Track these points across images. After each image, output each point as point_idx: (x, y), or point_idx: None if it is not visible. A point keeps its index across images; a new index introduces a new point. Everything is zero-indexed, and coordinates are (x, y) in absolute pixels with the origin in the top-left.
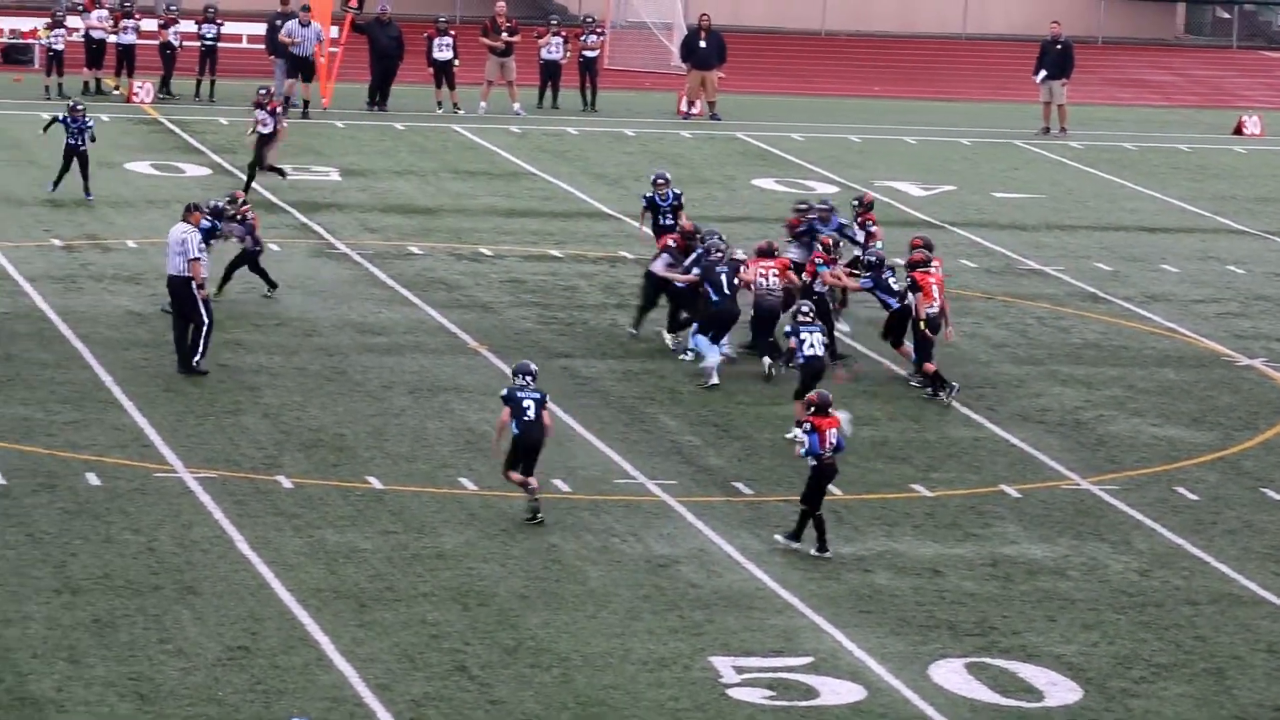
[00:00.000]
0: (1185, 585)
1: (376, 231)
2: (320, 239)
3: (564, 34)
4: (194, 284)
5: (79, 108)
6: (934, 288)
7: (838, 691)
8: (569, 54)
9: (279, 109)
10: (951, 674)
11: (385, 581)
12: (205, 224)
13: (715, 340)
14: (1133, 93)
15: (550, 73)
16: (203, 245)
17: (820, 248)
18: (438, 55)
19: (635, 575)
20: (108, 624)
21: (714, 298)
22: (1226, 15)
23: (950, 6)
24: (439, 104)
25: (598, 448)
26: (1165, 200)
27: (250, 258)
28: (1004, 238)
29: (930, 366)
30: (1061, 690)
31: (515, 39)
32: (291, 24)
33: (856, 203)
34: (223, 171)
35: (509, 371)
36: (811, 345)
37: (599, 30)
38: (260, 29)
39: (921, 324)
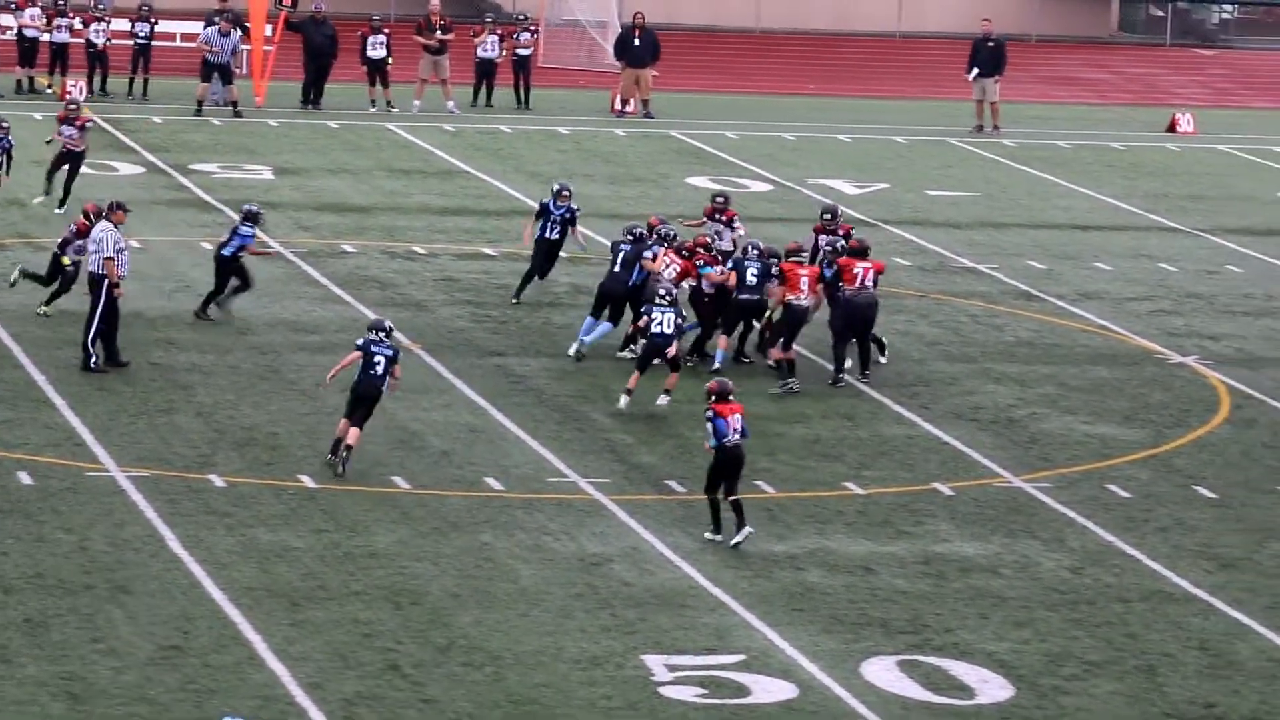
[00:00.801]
0: (1117, 583)
1: (310, 230)
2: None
3: (500, 32)
4: (107, 282)
5: (3, 124)
6: (803, 279)
7: (769, 689)
8: (504, 52)
9: (88, 124)
10: (883, 671)
11: (317, 580)
12: (245, 230)
13: (595, 315)
14: (1066, 90)
15: (485, 71)
16: (121, 244)
17: (702, 250)
18: (372, 53)
19: (568, 574)
20: (39, 623)
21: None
22: (1160, 13)
23: (885, 5)
24: (373, 102)
25: (530, 446)
26: (1098, 198)
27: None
28: (938, 235)
29: (776, 353)
30: (993, 687)
31: (449, 37)
32: (210, 32)
33: (722, 200)
34: (156, 170)
35: (442, 370)
36: (660, 325)
37: (533, 28)
38: (193, 27)
39: (771, 314)
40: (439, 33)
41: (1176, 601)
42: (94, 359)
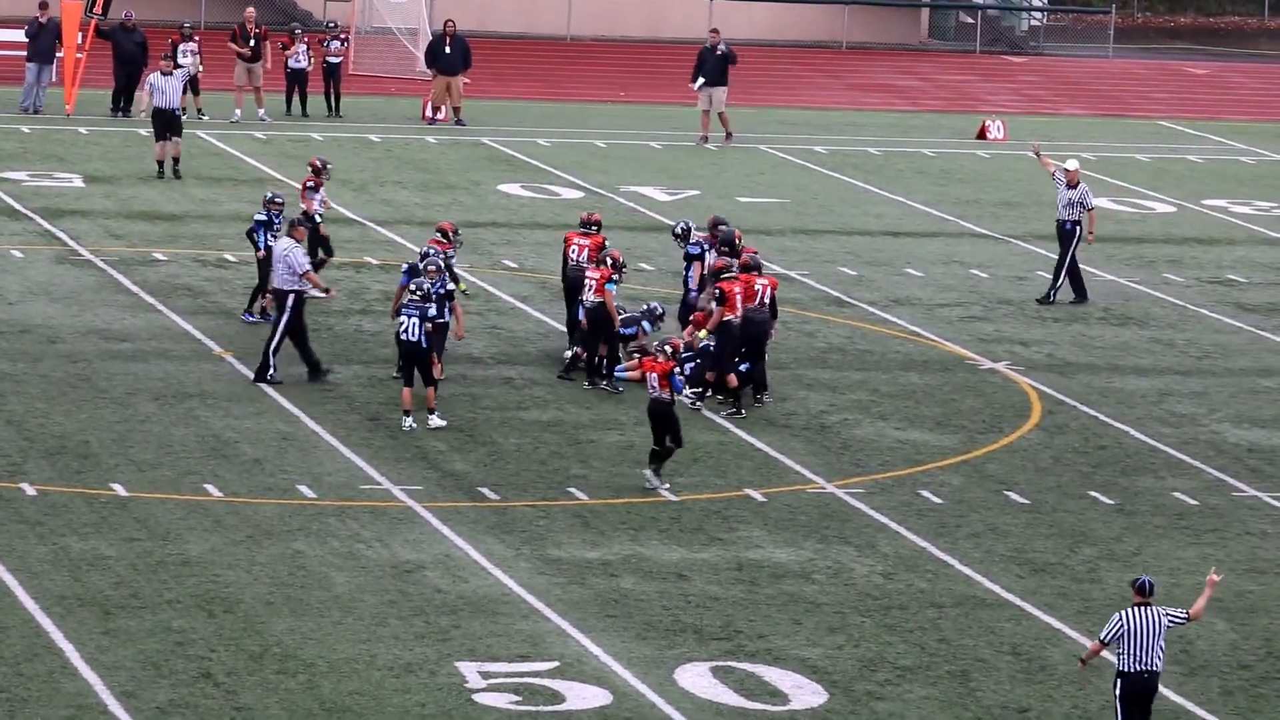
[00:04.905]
0: (929, 588)
1: (121, 238)
2: (64, 245)
3: (307, 41)
4: (294, 297)
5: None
6: (739, 296)
7: (584, 696)
8: (313, 61)
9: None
10: (697, 678)
11: (130, 589)
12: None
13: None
14: (877, 97)
15: (298, 80)
16: (308, 259)
17: (610, 263)
18: (182, 61)
19: (381, 581)
20: None
21: None
22: (970, 20)
23: (695, 11)
24: (183, 110)
25: (343, 453)
26: (909, 204)
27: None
28: (748, 242)
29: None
30: (806, 693)
31: (265, 44)
32: (153, 75)
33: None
34: None
35: (251, 376)
36: (407, 330)
37: (343, 36)
38: (6, 35)
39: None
40: (251, 41)
41: (989, 607)
42: (272, 370)
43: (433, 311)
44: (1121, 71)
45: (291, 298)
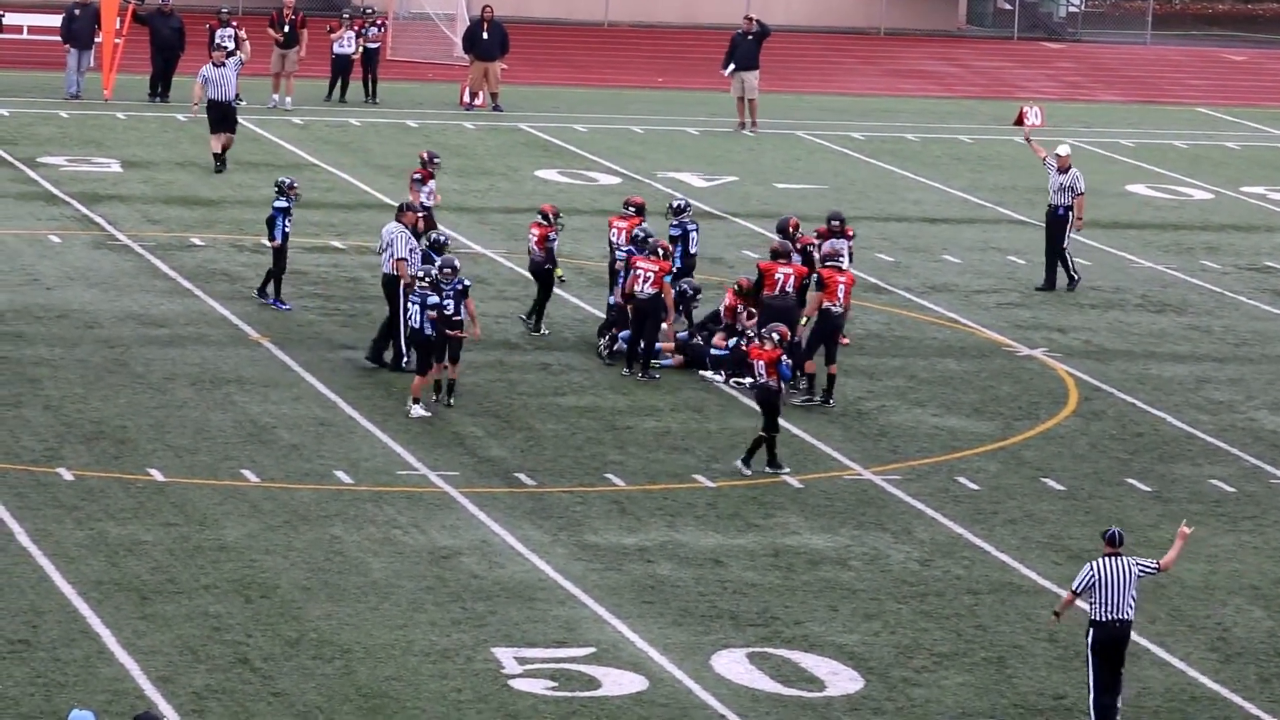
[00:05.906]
0: (966, 575)
1: (158, 223)
2: (102, 230)
3: (356, 27)
4: (403, 282)
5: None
6: (840, 286)
7: (620, 682)
8: (361, 47)
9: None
10: (733, 664)
11: (167, 574)
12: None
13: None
14: (914, 84)
15: (342, 66)
16: (413, 245)
17: (661, 253)
18: (228, 45)
19: (417, 566)
20: None
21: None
22: (1008, 6)
23: None
24: (238, 98)
25: (380, 439)
26: (947, 191)
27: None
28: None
29: (811, 366)
30: (843, 680)
31: (301, 31)
32: (205, 68)
33: (838, 223)
34: (3, 164)
35: (291, 363)
36: (410, 316)
37: (380, 22)
38: (40, 20)
39: (806, 321)
40: (286, 28)
41: (1025, 593)
42: (405, 359)
43: (432, 299)
44: (1159, 58)
45: (401, 283)
